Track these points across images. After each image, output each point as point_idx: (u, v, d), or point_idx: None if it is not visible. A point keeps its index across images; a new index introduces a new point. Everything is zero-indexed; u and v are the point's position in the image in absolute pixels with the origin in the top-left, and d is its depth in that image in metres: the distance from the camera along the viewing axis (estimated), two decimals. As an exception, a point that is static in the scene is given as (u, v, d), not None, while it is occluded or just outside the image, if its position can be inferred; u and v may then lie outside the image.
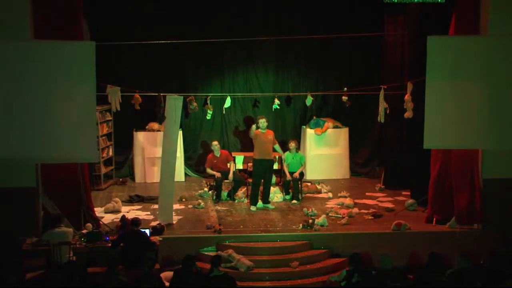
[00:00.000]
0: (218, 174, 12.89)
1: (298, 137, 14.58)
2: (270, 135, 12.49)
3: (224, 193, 13.18)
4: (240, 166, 13.83)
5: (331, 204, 12.69)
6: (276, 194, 13.06)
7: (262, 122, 12.30)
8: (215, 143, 13.31)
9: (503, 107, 10.30)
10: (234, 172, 13.10)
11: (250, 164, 13.06)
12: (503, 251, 9.27)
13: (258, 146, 12.29)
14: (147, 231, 10.23)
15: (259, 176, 12.38)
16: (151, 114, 14.31)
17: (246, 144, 13.81)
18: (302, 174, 13.11)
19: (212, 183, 13.35)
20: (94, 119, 10.45)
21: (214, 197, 13.04)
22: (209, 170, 13.11)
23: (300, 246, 10.71)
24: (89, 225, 10.81)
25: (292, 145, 13.18)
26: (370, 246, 9.99)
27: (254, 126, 12.39)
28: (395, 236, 10.87)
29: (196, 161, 15.41)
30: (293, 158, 13.13)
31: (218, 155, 13.14)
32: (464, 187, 11.14)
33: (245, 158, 13.93)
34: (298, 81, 15.52)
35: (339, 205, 12.54)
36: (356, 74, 15.40)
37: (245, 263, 10.10)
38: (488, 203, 11.03)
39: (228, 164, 13.27)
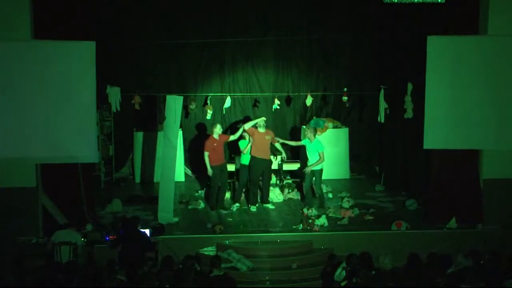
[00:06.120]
0: (214, 182, 12.27)
1: (298, 137, 14.56)
2: (269, 135, 12.44)
3: (227, 194, 12.94)
4: (232, 168, 13.31)
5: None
6: (276, 194, 13.07)
7: (261, 121, 12.27)
8: (219, 126, 12.40)
9: (503, 107, 10.31)
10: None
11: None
12: (503, 251, 9.26)
13: (255, 145, 12.25)
14: (147, 231, 10.23)
15: (257, 175, 12.35)
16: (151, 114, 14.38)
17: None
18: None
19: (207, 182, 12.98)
20: (94, 119, 10.44)
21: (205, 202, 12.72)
22: (207, 158, 12.09)
23: (300, 246, 10.71)
24: (89, 225, 10.80)
25: (308, 134, 12.24)
26: (370, 246, 9.98)
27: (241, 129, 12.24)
28: (395, 236, 10.87)
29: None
30: (310, 143, 12.18)
31: (218, 138, 12.23)
32: (464, 187, 11.15)
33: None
34: (298, 81, 15.52)
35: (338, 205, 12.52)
36: (356, 74, 15.41)
37: (245, 263, 10.10)
38: (488, 203, 11.03)
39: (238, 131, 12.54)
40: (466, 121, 10.33)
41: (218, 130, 12.23)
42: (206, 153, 12.10)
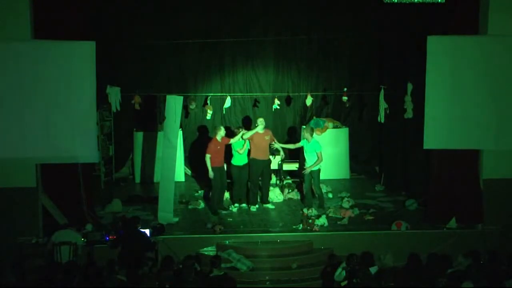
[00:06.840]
0: (215, 184, 12.08)
1: (295, 137, 14.56)
2: (268, 135, 12.41)
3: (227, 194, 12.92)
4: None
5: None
6: (276, 194, 13.07)
7: (261, 121, 12.25)
8: (223, 128, 12.22)
9: (503, 107, 10.32)
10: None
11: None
12: (503, 251, 9.27)
13: (255, 146, 12.23)
14: (147, 231, 10.23)
15: (256, 175, 12.34)
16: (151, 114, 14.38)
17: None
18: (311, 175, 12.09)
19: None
20: (94, 119, 10.45)
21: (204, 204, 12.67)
22: (208, 161, 11.89)
23: (300, 246, 10.70)
24: (89, 225, 10.80)
25: (305, 134, 12.16)
26: (370, 246, 9.98)
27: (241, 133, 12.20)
28: (395, 236, 10.87)
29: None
30: (308, 144, 12.05)
31: (221, 141, 12.07)
32: (464, 187, 11.15)
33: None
34: (298, 81, 15.52)
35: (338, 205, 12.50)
36: (356, 74, 15.41)
37: (245, 263, 10.10)
38: (488, 203, 11.03)
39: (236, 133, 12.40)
40: (466, 121, 10.35)
41: (222, 132, 12.09)
42: (208, 156, 11.92)
